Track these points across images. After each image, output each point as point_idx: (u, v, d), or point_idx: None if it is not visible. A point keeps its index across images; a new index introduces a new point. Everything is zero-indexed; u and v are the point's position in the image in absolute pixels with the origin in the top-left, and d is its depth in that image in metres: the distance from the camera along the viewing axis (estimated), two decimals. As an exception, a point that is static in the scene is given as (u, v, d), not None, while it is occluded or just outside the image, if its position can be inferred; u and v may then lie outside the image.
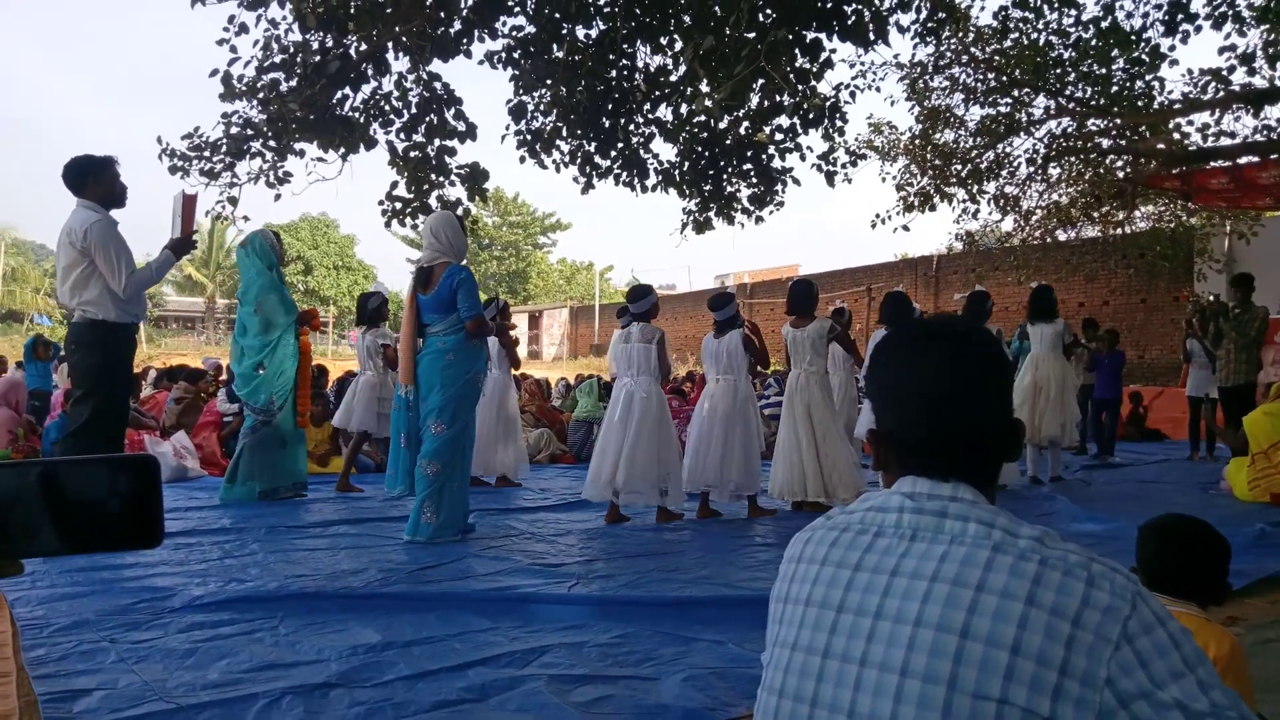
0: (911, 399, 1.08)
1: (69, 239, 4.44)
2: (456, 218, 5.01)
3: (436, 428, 4.70)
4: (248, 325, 6.08)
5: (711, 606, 3.46)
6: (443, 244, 4.84)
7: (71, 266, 4.43)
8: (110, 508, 0.64)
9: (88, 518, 0.63)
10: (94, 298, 4.43)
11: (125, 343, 4.62)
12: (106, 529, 0.64)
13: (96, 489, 0.63)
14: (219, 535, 4.74)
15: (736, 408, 5.64)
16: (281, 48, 7.18)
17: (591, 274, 48.69)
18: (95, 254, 4.41)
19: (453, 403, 4.72)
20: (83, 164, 4.54)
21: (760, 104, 7.63)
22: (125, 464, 0.65)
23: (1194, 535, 1.98)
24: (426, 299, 4.78)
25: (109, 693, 2.43)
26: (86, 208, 4.50)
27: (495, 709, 2.41)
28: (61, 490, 0.63)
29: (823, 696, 0.98)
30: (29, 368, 10.57)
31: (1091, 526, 5.30)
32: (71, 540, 0.63)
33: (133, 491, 0.64)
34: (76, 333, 4.51)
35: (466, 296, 4.70)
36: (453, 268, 4.76)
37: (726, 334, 5.75)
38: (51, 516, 0.62)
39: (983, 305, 6.99)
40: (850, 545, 1.05)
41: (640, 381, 5.48)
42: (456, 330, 4.75)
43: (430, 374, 4.76)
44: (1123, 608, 0.89)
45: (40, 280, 41.03)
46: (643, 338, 5.49)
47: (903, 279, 21.49)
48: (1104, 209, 13.58)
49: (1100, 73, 10.97)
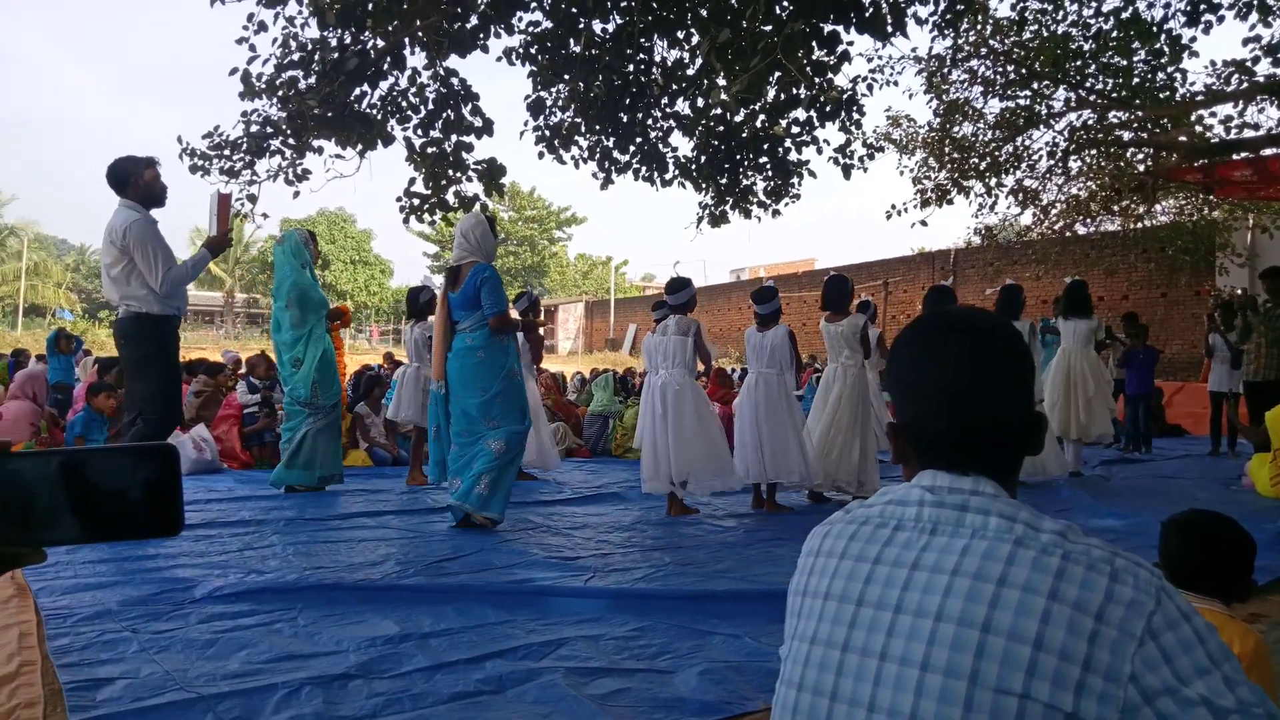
0: (931, 392, 1.07)
1: (110, 238, 4.59)
2: (487, 219, 5.16)
3: (491, 424, 4.86)
4: (281, 321, 6.22)
5: (728, 600, 3.45)
6: (471, 244, 5.00)
7: (113, 264, 4.59)
8: (131, 496, 0.64)
9: (109, 506, 0.64)
10: (136, 292, 4.59)
11: (169, 334, 4.77)
12: (127, 517, 0.65)
13: (117, 478, 0.64)
14: (238, 527, 4.78)
15: (781, 402, 5.64)
16: (300, 45, 7.22)
17: (607, 269, 48.71)
18: (134, 252, 4.55)
19: (499, 399, 4.87)
20: (124, 165, 4.68)
21: (777, 97, 7.60)
22: (145, 453, 0.65)
23: (1218, 531, 1.96)
24: (455, 297, 4.96)
25: (131, 682, 2.45)
26: (128, 207, 4.64)
27: (512, 701, 2.42)
28: (83, 479, 0.63)
29: (842, 690, 0.98)
30: (51, 361, 10.67)
31: (1111, 522, 5.26)
32: (93, 529, 0.64)
33: (153, 480, 0.65)
34: (123, 327, 4.67)
35: (490, 293, 4.85)
36: (478, 266, 4.92)
37: (771, 328, 5.78)
38: (73, 505, 0.63)
39: (1016, 299, 6.94)
40: (870, 539, 1.04)
41: (674, 374, 5.50)
42: (482, 326, 4.90)
43: (462, 371, 4.91)
44: (1147, 603, 0.88)
45: (62, 275, 41.50)
46: (678, 330, 5.54)
47: (920, 273, 21.39)
48: (1124, 202, 13.44)
49: (1121, 64, 10.86)
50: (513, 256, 48.27)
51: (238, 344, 30.04)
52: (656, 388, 5.52)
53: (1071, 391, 7.37)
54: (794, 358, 5.74)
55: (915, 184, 13.05)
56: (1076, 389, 7.37)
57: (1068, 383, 7.39)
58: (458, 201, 8.36)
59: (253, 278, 46.98)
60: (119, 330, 4.72)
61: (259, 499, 5.77)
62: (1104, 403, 7.46)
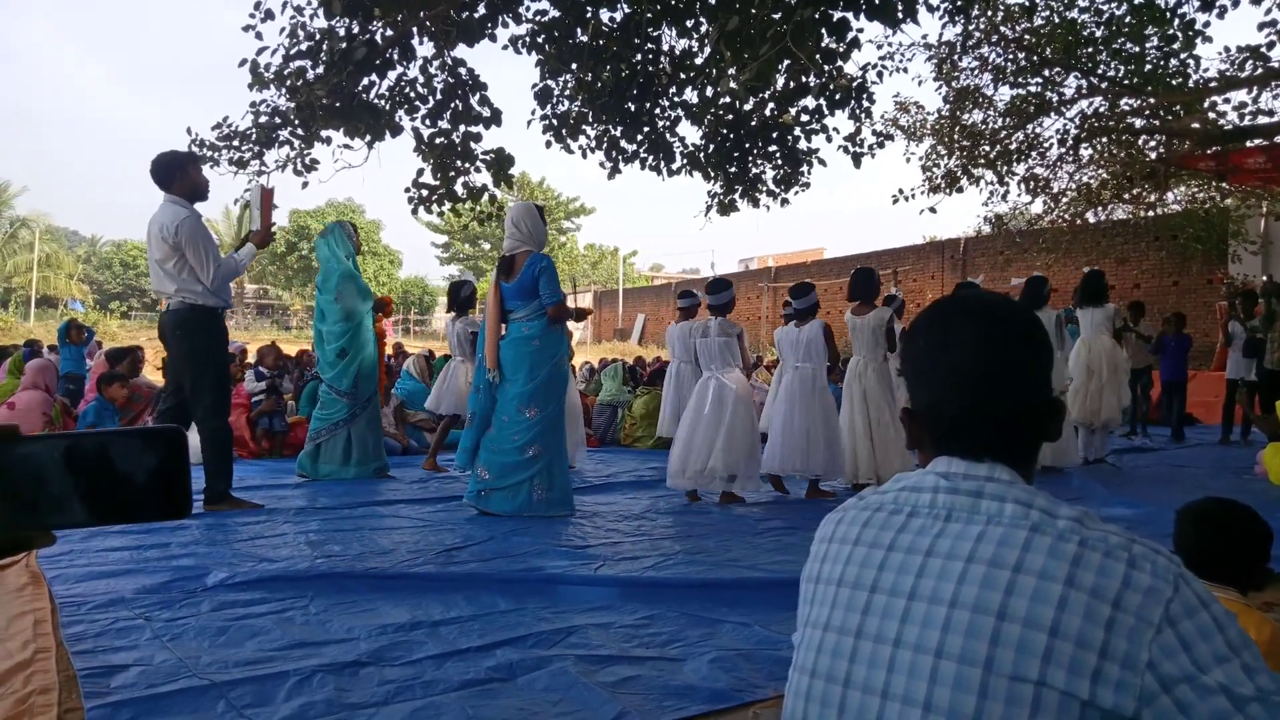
0: (945, 377, 1.06)
1: (161, 233, 4.69)
2: (537, 208, 5.19)
3: (530, 412, 4.91)
4: (327, 312, 6.34)
5: (738, 589, 3.45)
6: (524, 233, 5.04)
7: (165, 259, 4.71)
8: (138, 479, 0.64)
9: (116, 489, 0.64)
10: (188, 286, 4.73)
11: (219, 326, 4.93)
12: (135, 500, 0.65)
13: (124, 461, 0.64)
14: (250, 516, 4.81)
15: (816, 397, 5.74)
16: (307, 35, 7.21)
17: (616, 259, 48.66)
18: (186, 248, 4.68)
19: (542, 388, 4.92)
20: (170, 160, 4.79)
21: (786, 85, 7.56)
22: (151, 436, 0.65)
23: (1235, 520, 1.94)
24: (509, 286, 4.98)
25: (145, 669, 2.47)
26: (175, 203, 4.76)
27: (523, 688, 2.43)
28: (90, 462, 0.63)
29: (855, 677, 0.98)
30: (63, 351, 10.73)
31: (1122, 510, 5.24)
32: (101, 511, 0.64)
33: (159, 463, 0.65)
34: (175, 319, 4.78)
35: (548, 283, 4.89)
36: (534, 256, 4.95)
37: (807, 323, 5.86)
38: (80, 488, 0.63)
39: (1040, 290, 7.03)
40: (883, 525, 1.04)
41: (727, 375, 5.64)
42: (539, 316, 4.94)
43: (516, 359, 4.95)
44: (1165, 590, 0.87)
45: (73, 267, 41.69)
46: (722, 332, 5.64)
47: (930, 262, 21.29)
48: (1136, 190, 13.34)
49: (1133, 51, 10.76)
50: (521, 247, 48.25)
51: (248, 334, 30.14)
52: (710, 386, 5.61)
53: (1089, 379, 7.47)
54: (829, 352, 5.82)
55: (924, 171, 12.97)
56: (1093, 376, 7.47)
57: (1086, 371, 7.50)
58: (466, 192, 8.35)
59: (262, 269, 47.10)
60: (171, 322, 4.82)
61: (270, 488, 5.79)
62: (1115, 390, 7.53)
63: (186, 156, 4.89)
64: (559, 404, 5.03)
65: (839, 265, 24.52)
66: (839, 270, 24.00)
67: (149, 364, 10.17)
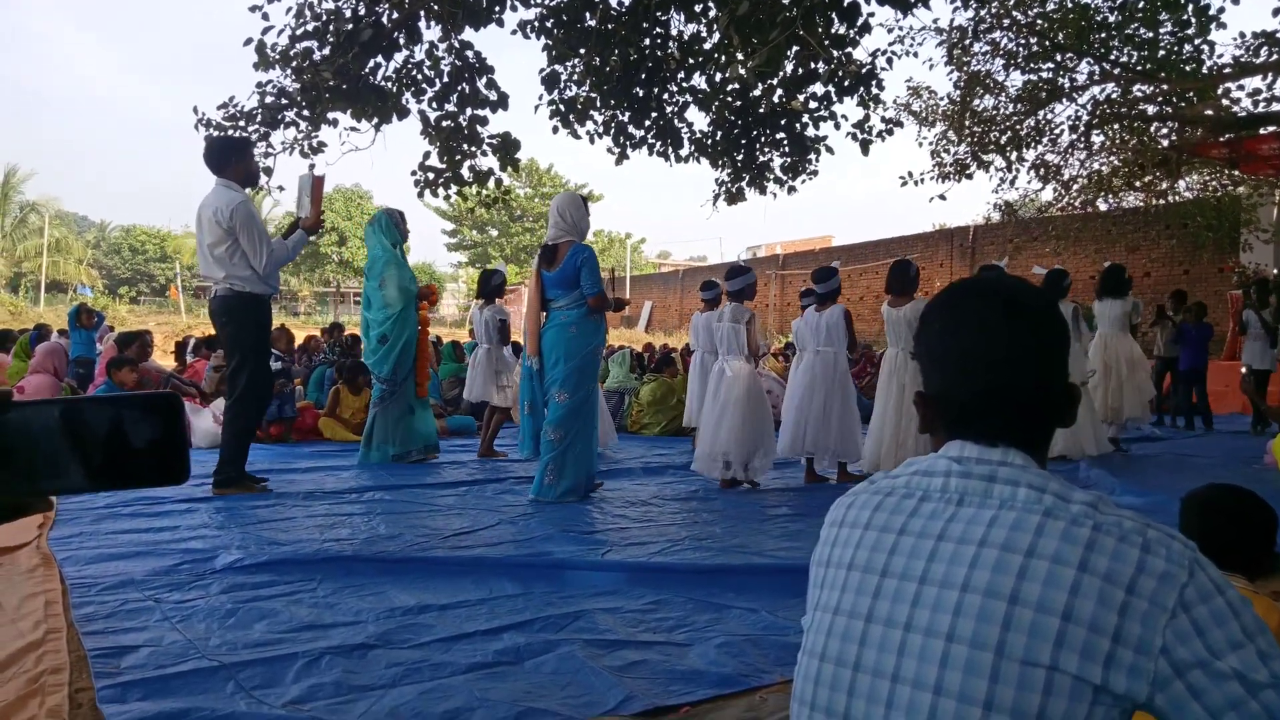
0: (959, 360, 1.05)
1: (215, 217, 4.72)
2: (581, 199, 5.23)
3: (560, 396, 4.97)
4: (372, 299, 6.42)
5: (744, 575, 3.45)
6: (567, 223, 5.08)
7: (217, 243, 4.74)
8: (135, 444, 0.64)
9: (114, 455, 0.64)
10: (239, 272, 4.77)
11: (265, 312, 4.98)
12: (132, 465, 0.65)
13: (120, 426, 0.64)
14: (258, 500, 4.82)
15: (836, 379, 5.80)
16: (314, 15, 7.18)
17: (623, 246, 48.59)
18: (240, 233, 4.73)
19: (575, 373, 4.97)
20: (224, 145, 4.90)
21: (795, 71, 7.51)
22: (147, 401, 0.65)
23: (1240, 506, 1.93)
24: (551, 275, 5.04)
25: (154, 650, 2.49)
26: (228, 187, 4.81)
27: (530, 672, 2.43)
28: (87, 428, 0.63)
29: (865, 661, 0.97)
30: (73, 336, 10.79)
31: (1130, 499, 5.21)
32: (98, 477, 0.64)
33: (156, 428, 0.65)
34: (225, 304, 4.82)
35: (590, 274, 4.96)
36: (577, 246, 5.02)
37: (828, 308, 5.89)
38: (78, 454, 0.63)
39: (1060, 282, 7.02)
40: (895, 509, 1.03)
41: (729, 361, 5.69)
42: (579, 305, 5.01)
43: (555, 346, 5.03)
44: (1179, 575, 0.87)
45: (82, 251, 41.77)
46: (734, 318, 5.69)
47: (939, 250, 21.19)
48: (1147, 178, 13.24)
49: (1147, 36, 10.65)
50: (528, 234, 48.20)
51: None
52: (714, 371, 5.71)
53: (1108, 376, 7.45)
54: (849, 337, 5.87)
55: (934, 157, 12.89)
56: (1111, 371, 7.46)
57: (1103, 366, 7.49)
58: (472, 176, 8.33)
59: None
60: (218, 308, 4.87)
61: (277, 471, 5.81)
62: (1137, 385, 7.52)
63: (240, 141, 4.96)
64: (588, 391, 5.10)
65: (847, 253, 24.43)
66: (847, 258, 23.92)
67: (158, 348, 10.21)
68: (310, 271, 46.39)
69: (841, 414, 5.77)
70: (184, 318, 30.60)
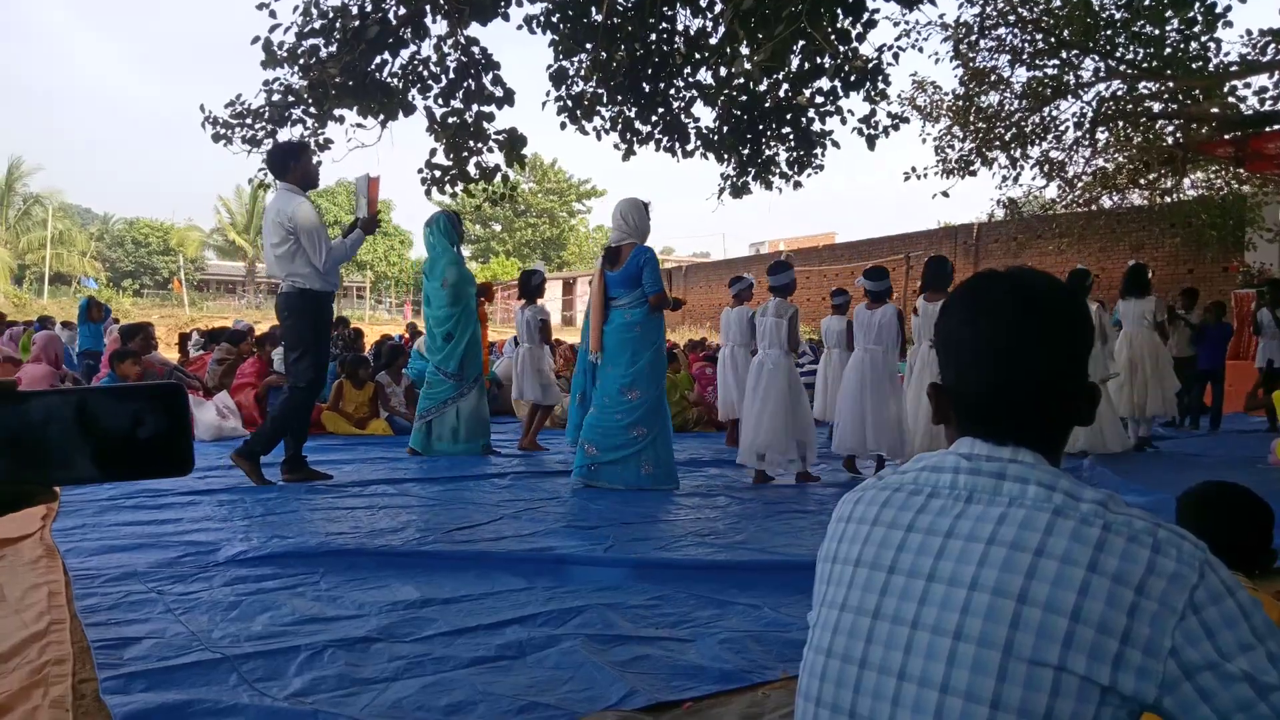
0: (974, 352, 1.04)
1: (277, 219, 4.97)
2: (643, 204, 5.44)
3: (632, 395, 5.25)
4: (433, 298, 6.64)
5: (747, 571, 3.45)
6: (630, 226, 5.34)
7: (280, 243, 4.98)
8: (140, 435, 0.64)
9: (118, 445, 0.64)
10: (301, 270, 5.00)
11: (326, 308, 5.22)
12: (137, 456, 0.64)
13: (126, 416, 0.64)
14: (261, 492, 4.83)
15: (886, 377, 5.93)
16: (321, 13, 7.17)
17: (626, 241, 48.52)
18: (301, 234, 4.94)
19: (644, 372, 5.27)
20: (286, 149, 5.14)
21: (801, 66, 7.48)
22: (152, 392, 0.65)
23: (1235, 502, 1.92)
24: (614, 275, 5.31)
25: (157, 641, 2.49)
26: (290, 191, 5.05)
27: (532, 666, 2.43)
28: (92, 418, 0.63)
29: (872, 658, 0.97)
30: (82, 329, 10.91)
31: (1134, 498, 5.20)
32: (103, 467, 0.64)
33: (161, 419, 0.64)
34: (288, 301, 5.04)
35: (651, 274, 5.24)
36: (639, 248, 5.29)
37: (880, 306, 6.01)
38: (83, 444, 0.63)
39: (1082, 283, 7.14)
40: (903, 506, 1.03)
41: (770, 354, 5.78)
42: (641, 304, 5.27)
43: (619, 344, 5.30)
44: (1190, 576, 0.86)
45: (86, 244, 41.81)
46: (777, 312, 5.79)
47: (942, 247, 21.14)
48: (1152, 176, 13.19)
49: (1153, 34, 10.60)
50: (531, 229, 48.18)
51: (259, 313, 30.24)
52: (754, 364, 5.82)
53: (1133, 371, 7.59)
54: (900, 336, 5.99)
55: (938, 153, 12.85)
56: (1137, 369, 7.60)
57: (1129, 364, 7.63)
58: (479, 172, 8.32)
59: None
60: (283, 303, 5.08)
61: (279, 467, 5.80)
62: (1161, 382, 7.67)
63: (299, 146, 5.18)
64: (660, 387, 5.39)
65: (851, 250, 24.40)
66: (850, 255, 23.89)
67: (161, 341, 10.23)
68: (314, 265, 46.33)
69: (894, 413, 5.91)
70: (187, 311, 30.64)
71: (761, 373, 5.77)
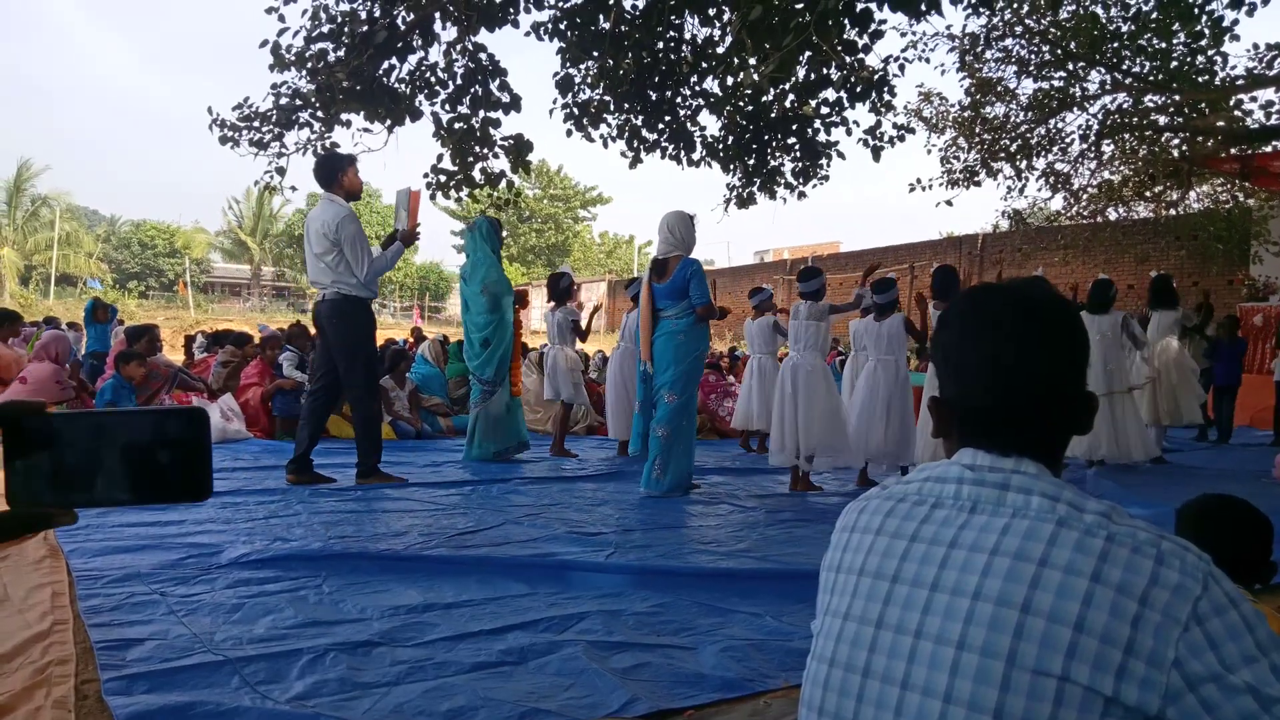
0: (976, 366, 1.04)
1: (322, 229, 5.10)
2: (689, 216, 5.57)
3: (669, 397, 5.39)
4: (472, 304, 6.69)
5: (749, 579, 3.45)
6: (677, 238, 5.47)
7: (325, 253, 5.12)
8: (161, 460, 0.64)
9: (139, 470, 0.64)
10: (345, 279, 5.14)
11: (369, 314, 5.35)
12: (157, 481, 0.64)
13: (148, 441, 0.64)
14: (264, 495, 4.84)
15: (898, 387, 6.00)
16: (330, 17, 7.21)
17: (630, 248, 48.61)
18: (344, 244, 5.10)
19: (683, 377, 5.40)
20: (334, 161, 5.27)
21: (807, 76, 7.50)
22: (176, 416, 0.65)
23: (1235, 515, 1.91)
24: (662, 287, 5.44)
25: (160, 643, 2.49)
26: (335, 202, 5.18)
27: (534, 672, 2.44)
28: (114, 442, 0.63)
29: (875, 667, 0.97)
30: (89, 330, 10.95)
31: (1137, 510, 5.18)
32: (123, 492, 0.64)
33: (183, 445, 0.64)
34: (333, 308, 5.18)
35: (698, 285, 5.36)
36: (685, 260, 5.42)
37: (888, 317, 6.10)
38: (104, 468, 0.63)
39: (1105, 293, 7.25)
40: (907, 515, 1.03)
41: (806, 356, 5.83)
42: (688, 314, 5.41)
43: (665, 352, 5.44)
44: (1193, 587, 0.86)
45: (93, 245, 41.92)
46: (810, 315, 5.85)
47: (947, 257, 21.16)
48: (1158, 188, 13.20)
49: (1160, 47, 10.62)
50: (536, 234, 48.25)
51: (264, 316, 30.29)
52: (788, 367, 5.87)
53: (1160, 381, 7.73)
54: (914, 337, 6.11)
55: (943, 164, 12.87)
56: (1163, 377, 7.75)
57: (1157, 372, 7.75)
58: (484, 178, 8.34)
59: (280, 251, 47.25)
60: (328, 310, 5.20)
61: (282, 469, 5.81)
62: (1191, 390, 7.83)
63: (347, 159, 5.27)
64: (692, 393, 5.52)
65: (854, 259, 24.40)
66: (855, 264, 23.88)
67: (166, 343, 10.25)
68: (319, 269, 46.42)
69: (902, 421, 5.95)
70: (192, 313, 30.70)
71: (798, 376, 5.77)
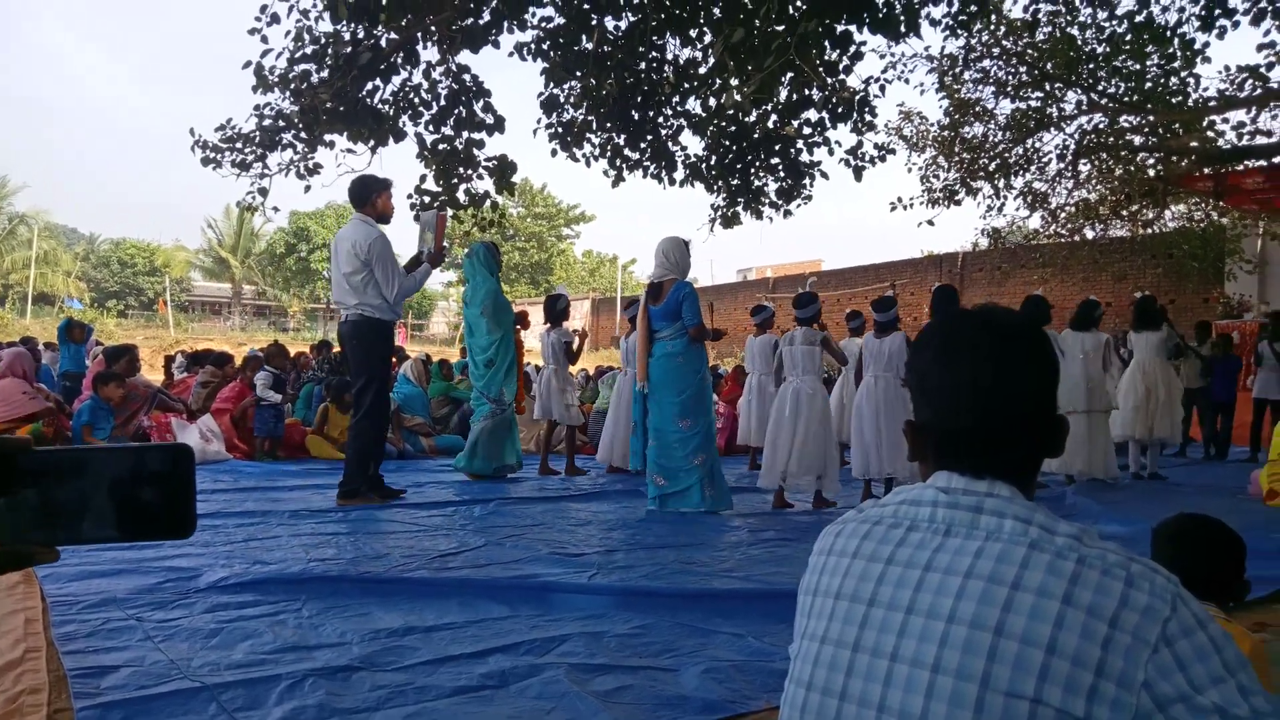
0: (951, 391, 1.06)
1: (353, 250, 5.16)
2: (684, 242, 5.72)
3: (684, 424, 5.53)
4: (474, 327, 6.80)
5: (731, 600, 3.45)
6: (671, 263, 5.64)
7: (354, 273, 5.18)
8: (145, 497, 0.63)
9: (123, 507, 0.63)
10: (371, 300, 5.21)
11: (390, 336, 5.46)
12: (141, 518, 0.64)
13: (132, 478, 0.63)
14: (243, 518, 4.80)
15: (899, 404, 6.06)
16: (313, 38, 7.22)
17: (614, 267, 48.71)
18: (375, 266, 5.16)
19: (692, 401, 5.54)
20: (368, 183, 5.35)
21: (789, 97, 7.57)
22: (160, 453, 0.65)
23: (1208, 534, 1.94)
24: (657, 309, 5.60)
25: (136, 670, 2.46)
26: (366, 223, 5.28)
27: (515, 696, 2.42)
28: (97, 478, 0.62)
29: (852, 690, 0.98)
30: (63, 350, 10.67)
31: (1115, 528, 5.23)
32: (107, 529, 0.63)
33: (167, 481, 0.64)
34: (356, 329, 5.25)
35: (690, 307, 5.52)
36: (679, 284, 5.59)
37: (889, 335, 6.21)
38: (87, 505, 0.62)
39: (1091, 313, 7.42)
40: (882, 539, 1.04)
41: (805, 380, 5.90)
42: (681, 335, 5.55)
43: (664, 375, 5.58)
44: (1162, 609, 0.87)
45: (71, 264, 41.59)
46: (805, 340, 5.92)
47: (928, 275, 21.32)
48: (1134, 207, 13.39)
49: (1134, 68, 10.82)
50: (519, 253, 48.26)
51: (244, 335, 30.09)
52: (789, 392, 5.94)
53: (1148, 397, 7.83)
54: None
55: (923, 183, 13.01)
56: (1150, 395, 7.84)
57: (1145, 391, 7.85)
58: (468, 199, 8.36)
59: (261, 270, 47.03)
60: (351, 330, 5.26)
61: (264, 490, 5.78)
62: (1172, 409, 7.91)
63: (382, 183, 5.34)
64: (709, 414, 5.68)
65: (837, 277, 24.56)
66: (836, 282, 24.04)
67: (145, 363, 10.14)
68: (300, 288, 46.27)
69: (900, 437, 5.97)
70: (172, 332, 30.46)
71: (799, 400, 5.85)
